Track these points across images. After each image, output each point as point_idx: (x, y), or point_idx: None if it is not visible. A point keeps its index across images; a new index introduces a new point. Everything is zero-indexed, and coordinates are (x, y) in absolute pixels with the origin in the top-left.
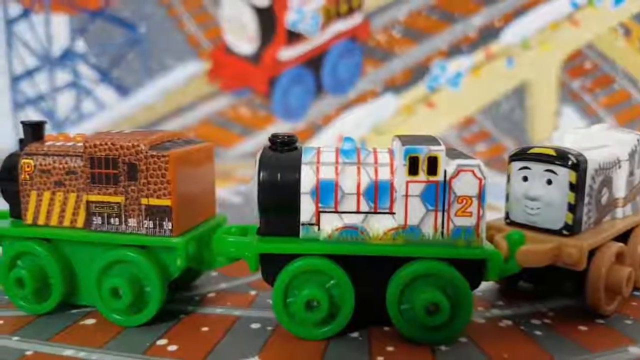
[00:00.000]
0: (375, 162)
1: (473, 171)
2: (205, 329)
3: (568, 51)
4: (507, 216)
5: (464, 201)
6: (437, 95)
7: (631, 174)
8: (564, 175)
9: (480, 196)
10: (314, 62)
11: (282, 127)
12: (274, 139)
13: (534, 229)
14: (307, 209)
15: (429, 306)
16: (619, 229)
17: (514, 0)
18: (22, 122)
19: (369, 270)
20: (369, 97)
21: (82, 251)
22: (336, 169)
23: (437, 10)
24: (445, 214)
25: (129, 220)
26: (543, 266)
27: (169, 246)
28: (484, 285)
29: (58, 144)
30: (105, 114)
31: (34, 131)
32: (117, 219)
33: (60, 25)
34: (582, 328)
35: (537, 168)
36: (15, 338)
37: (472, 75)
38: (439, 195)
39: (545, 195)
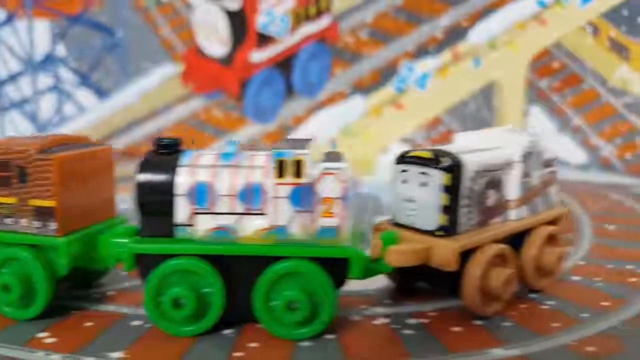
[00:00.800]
0: (251, 165)
1: (336, 174)
2: (89, 324)
3: (535, 50)
4: (392, 217)
5: (328, 202)
6: (405, 97)
7: (526, 175)
8: (437, 177)
9: (344, 198)
10: (284, 64)
11: (253, 128)
12: (157, 142)
13: (414, 229)
14: (182, 210)
15: (290, 303)
16: (505, 231)
17: (480, 0)
18: None
19: (241, 269)
20: (337, 99)
21: None
22: (212, 171)
23: (403, 12)
24: (311, 214)
25: (21, 220)
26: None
27: (53, 245)
28: (381, 284)
29: None
30: (85, 116)
31: None
32: (10, 219)
33: (41, 30)
34: (456, 329)
35: (414, 170)
36: None
37: (439, 75)
38: (305, 197)
39: (420, 197)
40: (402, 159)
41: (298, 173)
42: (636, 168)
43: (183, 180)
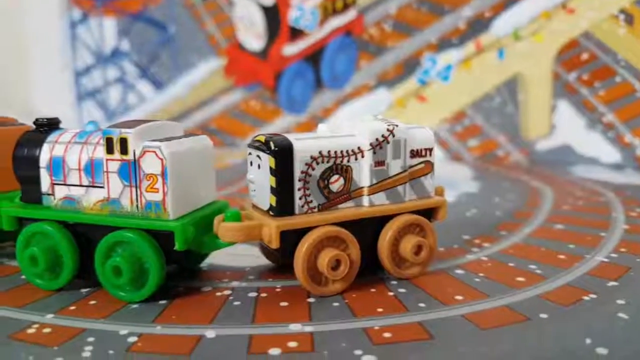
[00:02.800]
0: (98, 142)
1: (155, 152)
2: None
3: (562, 41)
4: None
5: (151, 179)
6: (428, 89)
7: (379, 164)
8: (266, 160)
9: (164, 174)
10: (313, 57)
11: (287, 119)
12: (35, 121)
13: (259, 209)
14: (45, 181)
15: (114, 269)
16: (347, 215)
17: None
18: None
19: (85, 236)
20: (363, 91)
21: None
22: (66, 147)
23: (426, 3)
24: (138, 189)
25: None
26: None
27: None
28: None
29: None
30: (145, 106)
31: None
32: None
33: (109, 27)
34: (284, 304)
35: (254, 154)
36: None
37: (462, 68)
38: (131, 173)
39: (256, 178)
40: (251, 142)
41: (123, 150)
42: None
43: (44, 154)
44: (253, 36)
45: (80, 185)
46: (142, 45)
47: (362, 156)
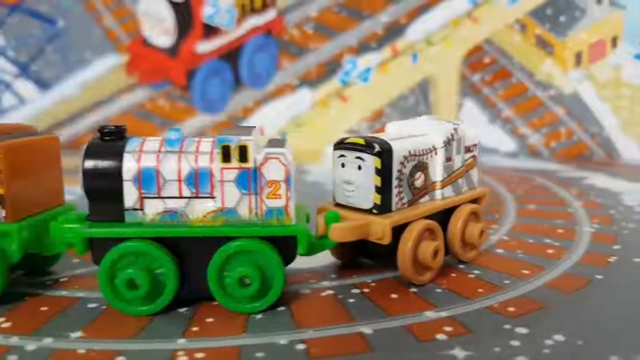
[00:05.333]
0: (197, 150)
1: (279, 159)
2: (44, 308)
3: (468, 47)
4: (334, 198)
5: (273, 185)
6: (349, 90)
7: (449, 159)
8: (371, 161)
9: (287, 180)
10: (231, 55)
11: (201, 119)
12: (101, 129)
13: (352, 209)
14: (130, 195)
15: (242, 279)
16: (431, 208)
17: None
18: None
19: (193, 250)
20: (286, 91)
21: None
22: (157, 157)
23: (345, 8)
24: (258, 196)
25: None
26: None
27: (4, 232)
28: (328, 261)
29: None
30: (25, 108)
31: None
32: None
33: None
34: (394, 296)
35: (351, 155)
36: None
37: (380, 70)
38: (251, 180)
39: (357, 179)
40: (340, 145)
41: (243, 158)
42: (560, 155)
43: (129, 166)
44: (160, 32)
45: (180, 197)
46: (21, 40)
47: (436, 153)
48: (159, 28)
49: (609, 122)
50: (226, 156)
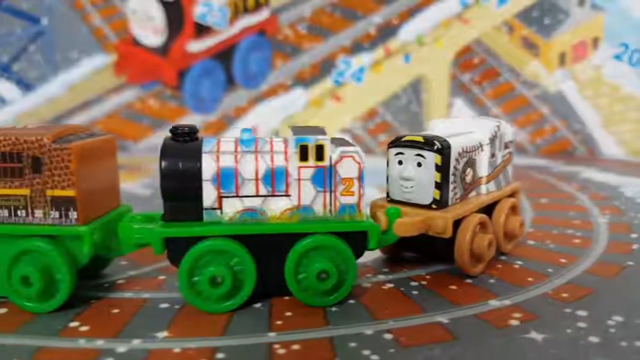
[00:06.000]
0: (271, 150)
1: (353, 157)
2: (115, 310)
3: (458, 47)
4: (387, 195)
5: (347, 182)
6: (343, 89)
7: (492, 155)
8: (431, 158)
9: (360, 178)
10: (223, 55)
11: (193, 119)
12: (174, 130)
13: (409, 204)
14: (209, 194)
15: (319, 274)
16: (480, 203)
17: (409, 0)
18: None
19: (269, 247)
20: (279, 91)
21: None
22: (235, 157)
23: (339, 8)
24: (332, 194)
25: (36, 212)
26: (420, 237)
27: (75, 235)
28: (374, 256)
29: None
30: (6, 109)
31: None
32: (24, 211)
33: None
34: (453, 287)
35: (410, 153)
36: None
37: (373, 70)
38: (326, 178)
39: (417, 175)
40: (397, 143)
41: (319, 157)
42: (545, 151)
43: (208, 166)
44: (150, 31)
45: (257, 196)
46: (1, 39)
47: (482, 150)
48: (149, 27)
49: (590, 119)
50: (304, 155)
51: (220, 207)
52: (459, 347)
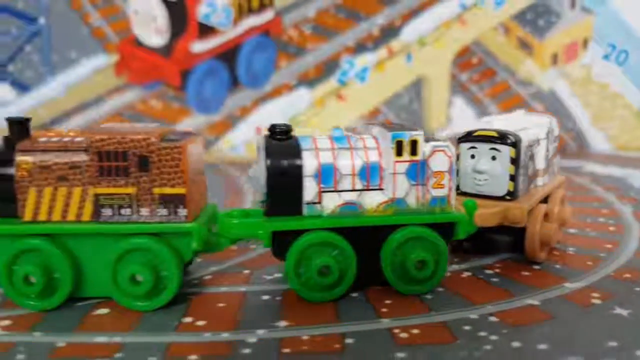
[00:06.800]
0: (364, 146)
1: (445, 151)
2: (221, 305)
3: (458, 47)
4: (457, 188)
5: (438, 175)
6: (347, 89)
7: (547, 149)
8: (506, 151)
9: (450, 171)
10: (227, 55)
11: (197, 119)
12: (273, 128)
13: (481, 196)
14: (310, 190)
15: (417, 263)
16: (543, 194)
17: (410, 1)
18: (8, 119)
19: (365, 238)
20: (284, 91)
21: (89, 243)
22: (333, 153)
23: (343, 9)
24: (424, 187)
25: (142, 209)
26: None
27: (184, 232)
28: None
29: (54, 139)
30: (1, 110)
31: (20, 128)
32: (128, 210)
33: None
34: (525, 273)
35: (483, 147)
36: (37, 333)
37: (376, 70)
38: (419, 172)
39: (491, 168)
40: (469, 137)
41: (413, 151)
42: None
43: (309, 162)
44: (153, 31)
45: (353, 190)
46: None
47: (539, 144)
48: (151, 27)
49: (581, 116)
50: (399, 150)
51: (320, 202)
52: (560, 325)
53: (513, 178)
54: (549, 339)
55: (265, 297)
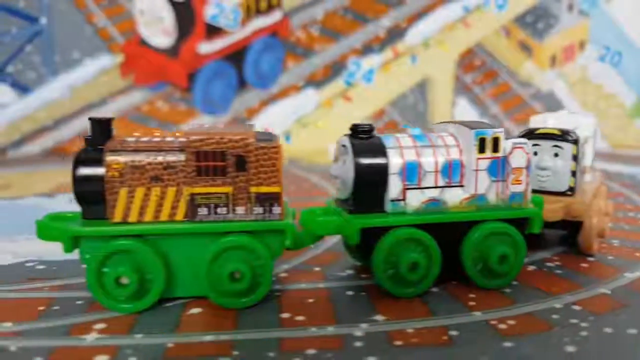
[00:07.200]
0: (444, 144)
1: (523, 148)
2: (310, 300)
3: (461, 49)
4: None
5: (517, 172)
6: (353, 90)
7: (593, 147)
8: (568, 149)
9: (527, 167)
10: (235, 56)
11: (204, 120)
12: (355, 127)
13: (543, 192)
14: (395, 187)
15: (499, 258)
16: (594, 189)
17: (415, 4)
18: (90, 119)
19: (447, 234)
20: (291, 92)
21: (182, 243)
22: (416, 151)
23: (350, 11)
24: (504, 183)
25: (237, 208)
26: None
27: (278, 229)
28: None
29: (143, 140)
30: (1, 112)
31: (102, 128)
32: (224, 209)
33: None
34: (584, 265)
35: (546, 144)
36: (138, 335)
37: (382, 71)
38: (500, 168)
39: (554, 165)
40: (531, 135)
41: (495, 148)
42: None
43: (395, 160)
44: (159, 32)
45: (436, 187)
46: None
47: (587, 142)
48: (158, 28)
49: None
50: (482, 147)
51: (404, 199)
52: (636, 312)
53: (574, 174)
54: (634, 324)
55: (350, 293)
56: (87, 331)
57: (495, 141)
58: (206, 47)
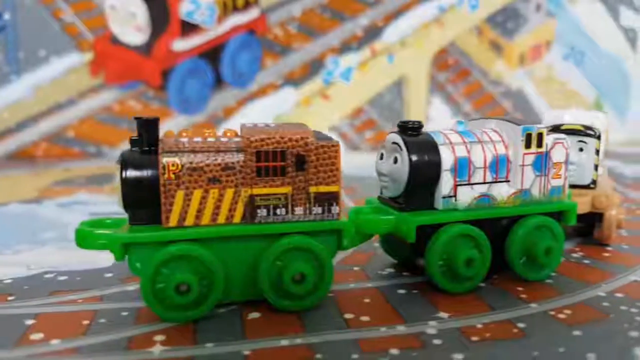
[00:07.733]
0: (490, 140)
1: (563, 143)
2: (367, 300)
3: (436, 49)
4: None
5: (557, 166)
6: (331, 88)
7: (605, 142)
8: (592, 143)
9: (566, 162)
10: (211, 54)
11: (179, 120)
12: (404, 125)
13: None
14: (447, 183)
15: (546, 250)
16: (608, 182)
17: (392, 3)
18: (137, 118)
19: (494, 229)
20: (269, 90)
21: (238, 246)
22: (466, 147)
23: (328, 9)
24: (546, 177)
25: (296, 209)
26: None
27: (338, 229)
28: None
29: (196, 139)
30: None
31: (149, 128)
32: (283, 209)
33: None
34: (605, 254)
35: (571, 139)
36: (209, 344)
37: (360, 70)
38: (543, 163)
39: (579, 160)
40: (557, 131)
41: (540, 143)
42: None
43: (446, 157)
44: (131, 28)
45: (484, 183)
46: None
47: (599, 137)
48: (130, 24)
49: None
50: (528, 143)
51: (455, 195)
52: None
53: (596, 168)
54: None
55: (402, 291)
56: (149, 344)
57: (540, 137)
58: (181, 45)
